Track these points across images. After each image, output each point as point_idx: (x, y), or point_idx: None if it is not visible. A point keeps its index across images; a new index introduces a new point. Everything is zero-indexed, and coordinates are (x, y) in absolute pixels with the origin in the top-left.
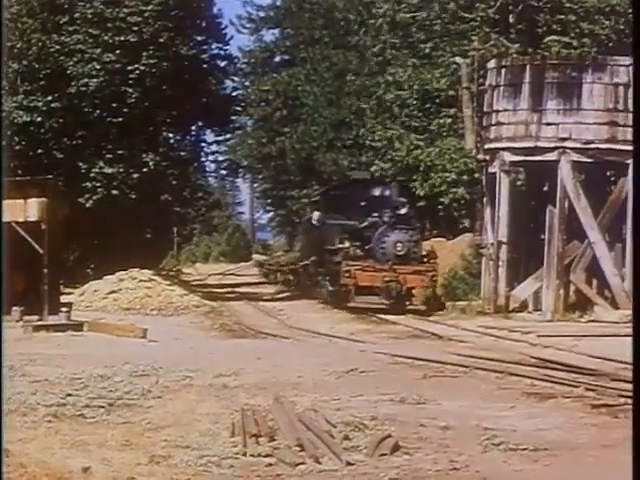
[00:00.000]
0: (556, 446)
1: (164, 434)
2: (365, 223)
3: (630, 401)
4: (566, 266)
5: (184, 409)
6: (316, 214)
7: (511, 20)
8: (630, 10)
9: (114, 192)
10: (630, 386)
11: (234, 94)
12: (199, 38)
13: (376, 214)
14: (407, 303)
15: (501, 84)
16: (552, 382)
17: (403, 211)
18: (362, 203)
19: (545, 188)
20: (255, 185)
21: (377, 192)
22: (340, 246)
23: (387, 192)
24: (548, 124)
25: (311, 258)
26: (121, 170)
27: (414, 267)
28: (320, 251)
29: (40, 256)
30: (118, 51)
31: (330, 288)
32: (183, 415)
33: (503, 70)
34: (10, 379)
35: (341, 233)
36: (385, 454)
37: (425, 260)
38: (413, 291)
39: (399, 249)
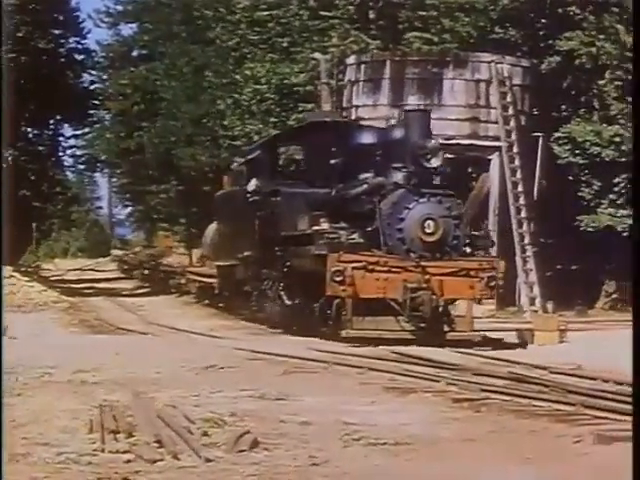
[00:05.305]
0: (417, 440)
1: (24, 432)
2: (361, 188)
3: (493, 396)
4: None
5: (43, 406)
6: (254, 181)
7: (371, 16)
8: (491, 7)
9: None
10: (491, 380)
11: (92, 88)
12: (57, 32)
13: (369, 175)
14: (447, 329)
15: (361, 79)
16: (413, 377)
17: (435, 163)
18: (333, 160)
19: None
20: (113, 180)
21: (369, 138)
22: (317, 228)
23: (397, 134)
24: None
25: (245, 253)
26: None
27: (457, 264)
28: (264, 241)
29: None
30: None
31: (287, 302)
32: (42, 412)
33: (363, 66)
34: None
35: (309, 209)
36: (244, 450)
37: (473, 251)
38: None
39: (430, 231)
